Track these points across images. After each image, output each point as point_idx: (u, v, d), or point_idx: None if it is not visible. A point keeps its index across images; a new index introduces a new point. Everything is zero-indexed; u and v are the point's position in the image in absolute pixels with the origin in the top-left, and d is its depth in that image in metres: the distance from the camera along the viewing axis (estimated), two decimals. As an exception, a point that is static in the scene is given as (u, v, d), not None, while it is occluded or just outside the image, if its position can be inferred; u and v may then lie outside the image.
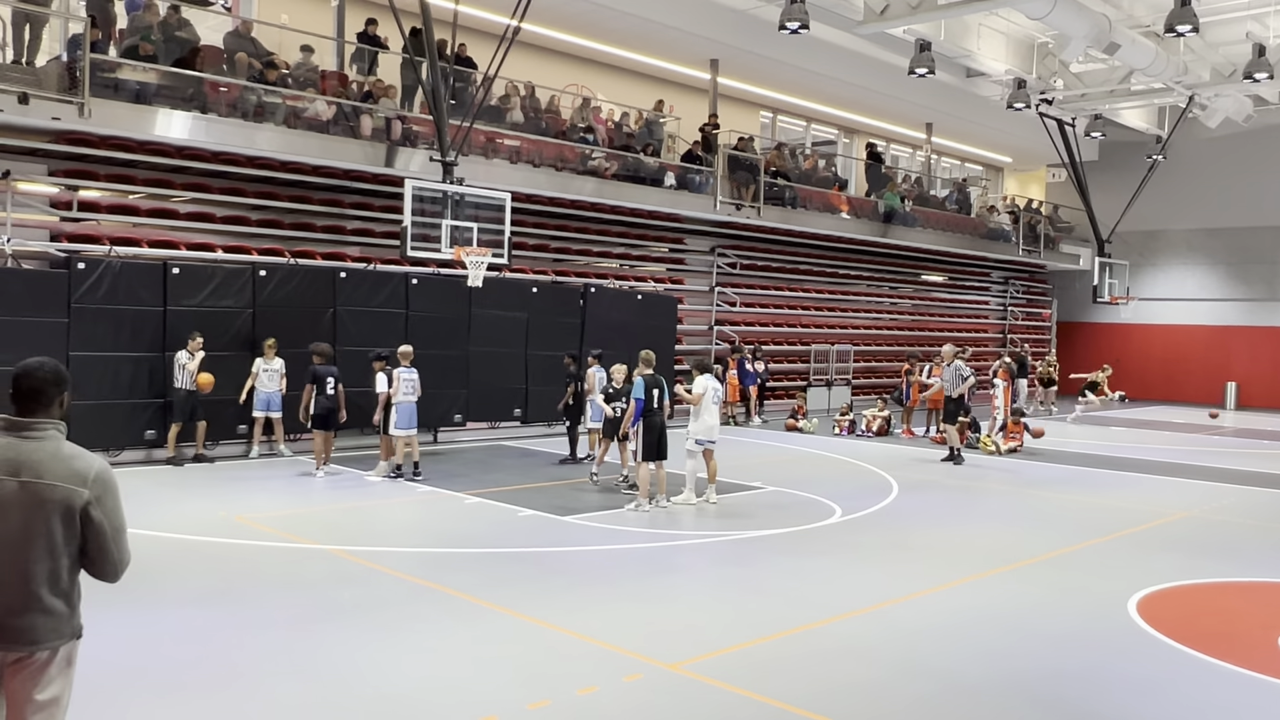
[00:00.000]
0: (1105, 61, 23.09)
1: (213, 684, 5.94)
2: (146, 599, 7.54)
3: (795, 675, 6.33)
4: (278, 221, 15.90)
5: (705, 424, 11.77)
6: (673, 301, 20.97)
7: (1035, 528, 11.31)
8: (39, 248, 13.50)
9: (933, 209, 27.80)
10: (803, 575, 8.83)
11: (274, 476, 13.12)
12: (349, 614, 7.33)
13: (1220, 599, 8.72)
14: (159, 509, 10.78)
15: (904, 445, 18.89)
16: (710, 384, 11.87)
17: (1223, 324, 31.25)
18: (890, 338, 28.19)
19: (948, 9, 17.92)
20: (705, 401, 11.72)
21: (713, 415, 11.87)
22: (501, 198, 14.75)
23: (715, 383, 12.03)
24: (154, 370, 13.83)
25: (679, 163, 20.94)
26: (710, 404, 11.80)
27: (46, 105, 12.40)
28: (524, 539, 10.08)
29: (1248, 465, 17.16)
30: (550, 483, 13.25)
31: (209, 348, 13.90)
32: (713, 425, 11.88)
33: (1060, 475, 15.48)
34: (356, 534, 10.00)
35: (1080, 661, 6.76)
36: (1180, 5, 16.74)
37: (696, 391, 11.69)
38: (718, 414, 12.05)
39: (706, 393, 11.73)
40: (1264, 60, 19.74)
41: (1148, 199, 28.38)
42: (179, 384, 13.55)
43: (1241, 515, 12.48)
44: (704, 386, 11.76)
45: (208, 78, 14.17)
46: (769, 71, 23.17)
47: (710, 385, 11.85)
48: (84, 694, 5.71)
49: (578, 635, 6.97)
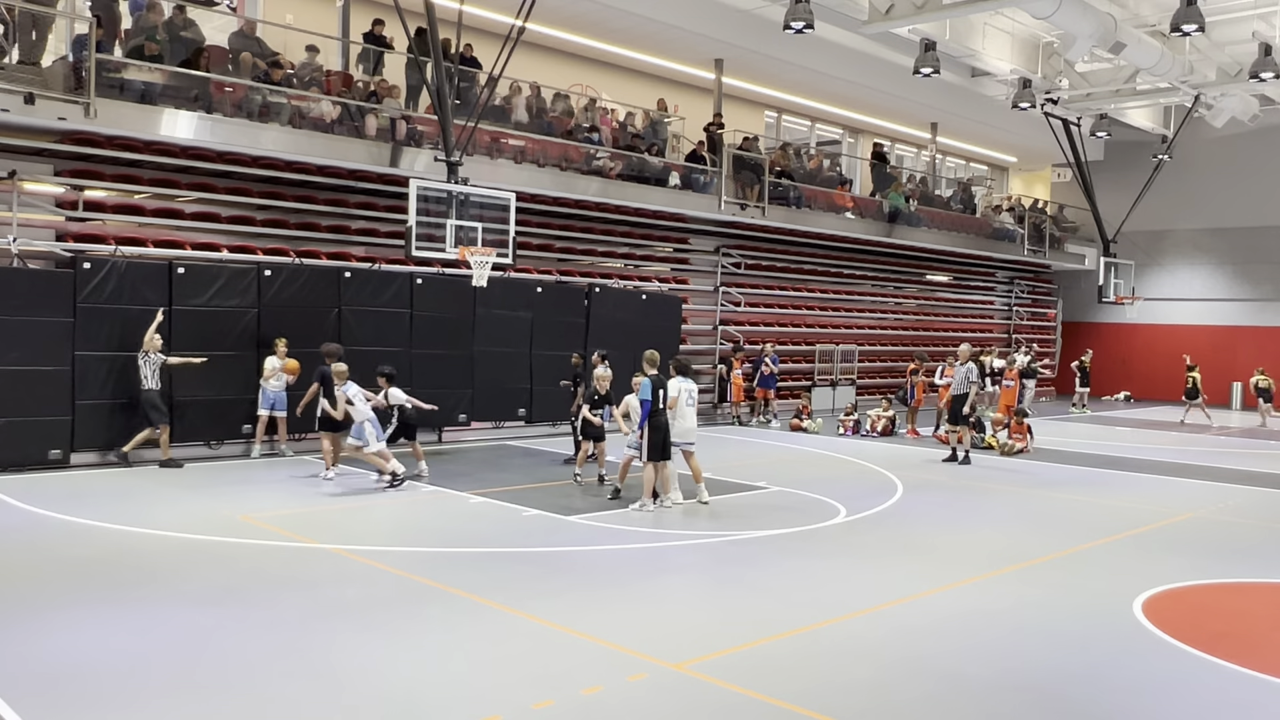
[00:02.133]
0: (1111, 61, 23.06)
1: (217, 683, 5.94)
2: (152, 598, 7.56)
3: (799, 675, 6.32)
4: (283, 221, 15.93)
5: (681, 427, 11.82)
6: (677, 301, 20.97)
7: (1040, 528, 11.29)
8: (45, 247, 13.54)
9: (938, 209, 27.77)
10: (807, 575, 8.82)
11: (277, 476, 13.13)
12: (353, 613, 7.33)
13: (1226, 600, 8.69)
14: (163, 509, 10.80)
15: (909, 445, 18.86)
16: (684, 386, 11.89)
17: (1229, 324, 31.16)
18: (895, 338, 28.15)
19: (953, 8, 17.89)
20: (680, 404, 11.74)
21: (688, 418, 11.92)
22: (506, 197, 14.75)
23: (690, 384, 12.05)
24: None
25: (683, 163, 20.93)
26: (685, 406, 11.82)
27: (52, 105, 12.44)
28: (528, 539, 10.08)
29: (1254, 466, 17.11)
30: (555, 482, 13.25)
31: (212, 348, 13.92)
32: (689, 428, 11.99)
33: (1065, 476, 15.45)
34: (361, 534, 10.01)
35: (1085, 662, 6.75)
36: (1186, 4, 16.70)
37: (671, 395, 11.64)
38: (693, 416, 12.10)
39: (681, 395, 11.75)
40: (1270, 59, 19.69)
41: (1153, 199, 28.32)
42: (149, 385, 13.19)
43: (1247, 516, 12.44)
44: (678, 389, 11.79)
45: (213, 78, 14.19)
46: (774, 71, 23.15)
47: (684, 388, 11.87)
48: (89, 692, 5.74)
49: (582, 635, 6.97)
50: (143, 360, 13.22)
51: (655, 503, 11.48)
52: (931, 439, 19.53)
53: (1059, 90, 23.66)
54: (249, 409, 14.45)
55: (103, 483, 12.21)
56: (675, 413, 11.72)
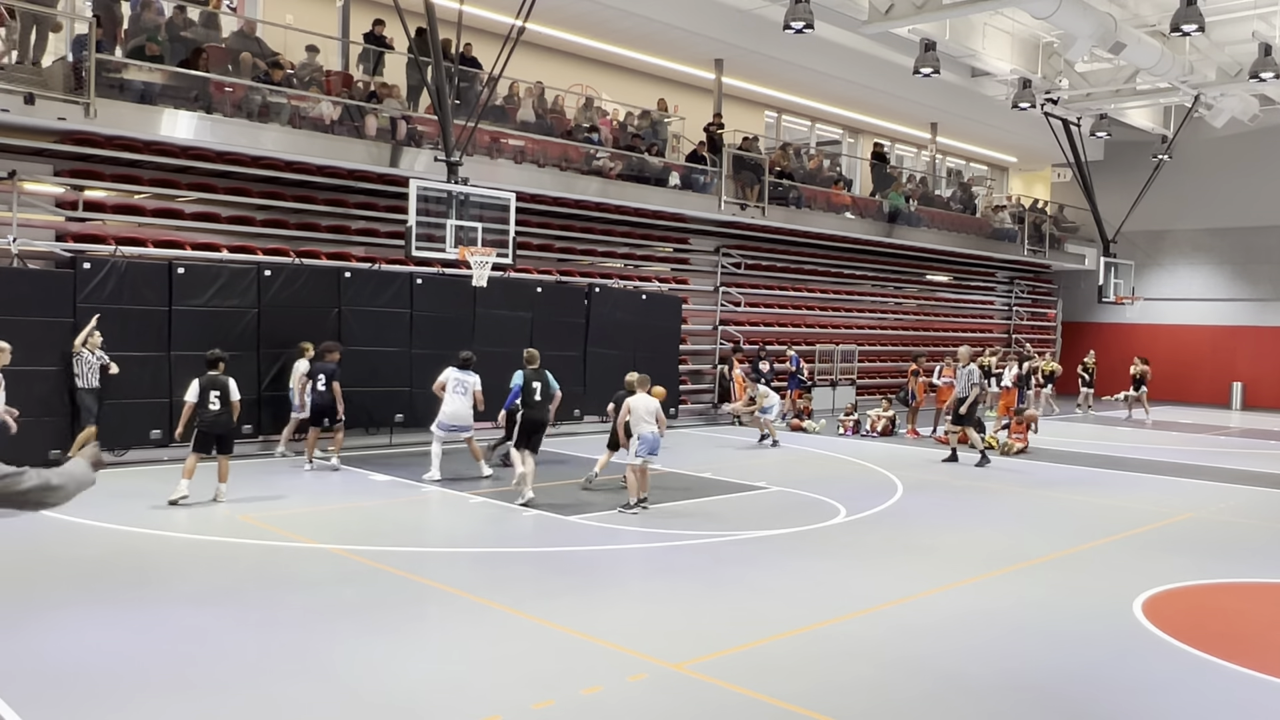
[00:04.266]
0: (1111, 61, 23.05)
1: (216, 683, 5.94)
2: (151, 598, 7.56)
3: (799, 675, 6.32)
4: (283, 221, 15.93)
5: (446, 410, 12.84)
6: (677, 301, 20.97)
7: (1040, 528, 11.29)
8: (45, 248, 13.54)
9: (937, 209, 27.78)
10: (807, 575, 8.82)
11: (278, 476, 13.13)
12: (353, 613, 7.33)
13: (1226, 599, 8.69)
14: (163, 509, 10.79)
15: (909, 445, 18.86)
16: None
17: (1229, 324, 31.16)
18: (895, 338, 28.16)
19: (953, 8, 17.89)
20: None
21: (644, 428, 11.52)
22: (506, 198, 14.76)
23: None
24: (159, 370, 13.84)
25: (683, 163, 20.94)
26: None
27: (52, 105, 12.44)
28: (528, 539, 10.09)
29: (1254, 466, 17.11)
30: (554, 482, 13.25)
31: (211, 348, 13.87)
32: (450, 412, 12.86)
33: (1065, 476, 15.44)
34: (360, 533, 10.01)
35: (1085, 662, 6.75)
36: (1186, 4, 16.70)
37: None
38: (461, 403, 12.85)
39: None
40: (1270, 59, 19.68)
41: (1153, 199, 28.31)
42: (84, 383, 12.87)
43: (1247, 516, 12.44)
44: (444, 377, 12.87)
45: (213, 78, 14.20)
46: (774, 71, 23.16)
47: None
48: (89, 692, 5.74)
49: (582, 635, 6.97)
50: (76, 359, 12.90)
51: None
52: (931, 439, 19.53)
53: (1059, 90, 23.66)
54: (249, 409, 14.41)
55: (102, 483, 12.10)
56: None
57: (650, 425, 11.50)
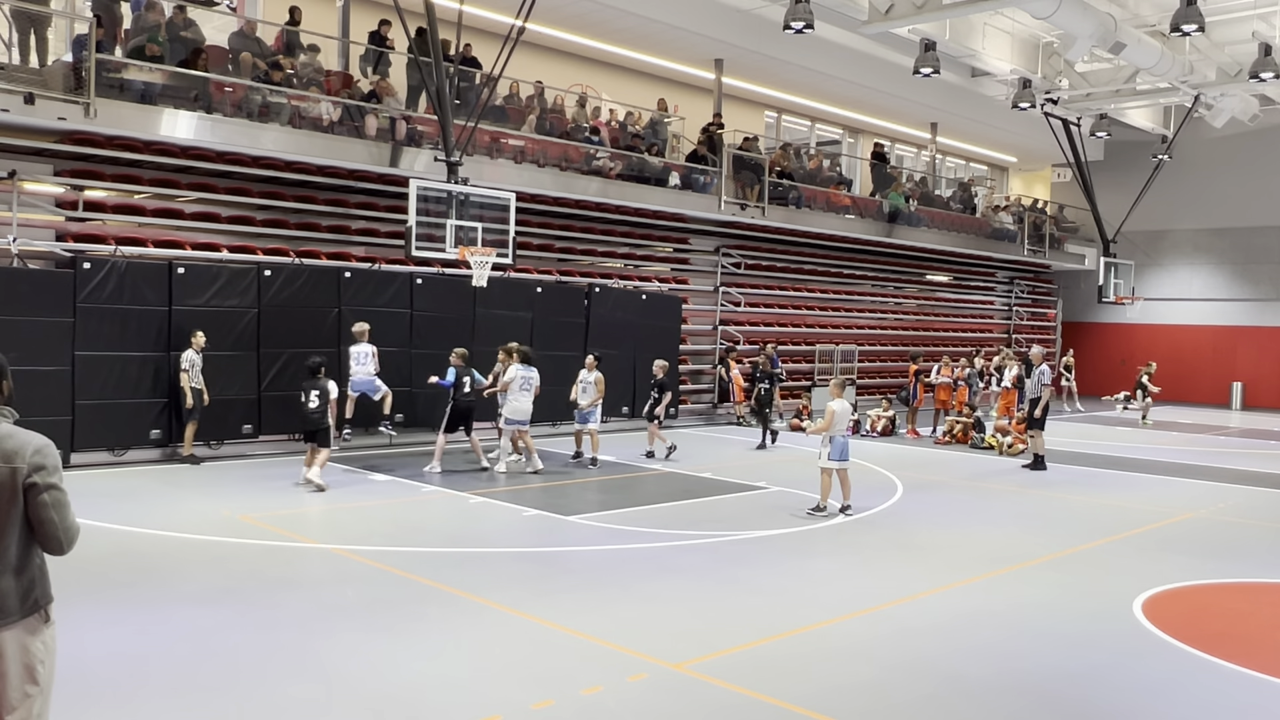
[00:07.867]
0: (1111, 61, 23.05)
1: (217, 682, 5.94)
2: (151, 598, 7.56)
3: (799, 675, 6.33)
4: (283, 221, 15.93)
5: (513, 406, 13.66)
6: (677, 301, 20.97)
7: (1040, 528, 11.29)
8: (45, 247, 13.53)
9: (938, 209, 27.78)
10: (807, 575, 8.82)
11: (278, 476, 13.12)
12: (353, 613, 7.33)
13: (1226, 599, 8.70)
14: (163, 508, 10.80)
15: (909, 445, 18.86)
16: (520, 372, 13.52)
17: (1229, 324, 31.17)
18: (895, 338, 28.15)
19: (952, 8, 17.89)
20: (514, 388, 13.53)
21: (521, 399, 13.57)
22: (506, 198, 14.76)
23: (527, 371, 13.59)
24: (159, 370, 13.85)
25: (683, 163, 20.93)
26: (519, 390, 13.53)
27: (52, 105, 12.44)
28: (528, 539, 10.09)
29: (1254, 466, 17.11)
30: (554, 482, 13.26)
31: (212, 348, 13.93)
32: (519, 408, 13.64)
33: (1065, 476, 15.44)
34: (360, 533, 10.01)
35: (1085, 662, 6.75)
36: (1186, 4, 16.70)
37: (505, 379, 13.60)
38: (527, 399, 13.67)
39: (515, 379, 13.47)
40: (1270, 59, 19.69)
41: (1153, 199, 28.32)
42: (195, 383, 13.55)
43: (1247, 516, 12.44)
44: (513, 374, 13.57)
45: (213, 78, 14.19)
46: (773, 71, 23.15)
47: (519, 374, 13.51)
48: (89, 692, 5.74)
49: (582, 635, 6.97)
50: None
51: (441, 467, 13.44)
52: (931, 439, 19.53)
53: (1059, 90, 23.66)
54: (249, 409, 14.46)
55: (102, 483, 12.21)
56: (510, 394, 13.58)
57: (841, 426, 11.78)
